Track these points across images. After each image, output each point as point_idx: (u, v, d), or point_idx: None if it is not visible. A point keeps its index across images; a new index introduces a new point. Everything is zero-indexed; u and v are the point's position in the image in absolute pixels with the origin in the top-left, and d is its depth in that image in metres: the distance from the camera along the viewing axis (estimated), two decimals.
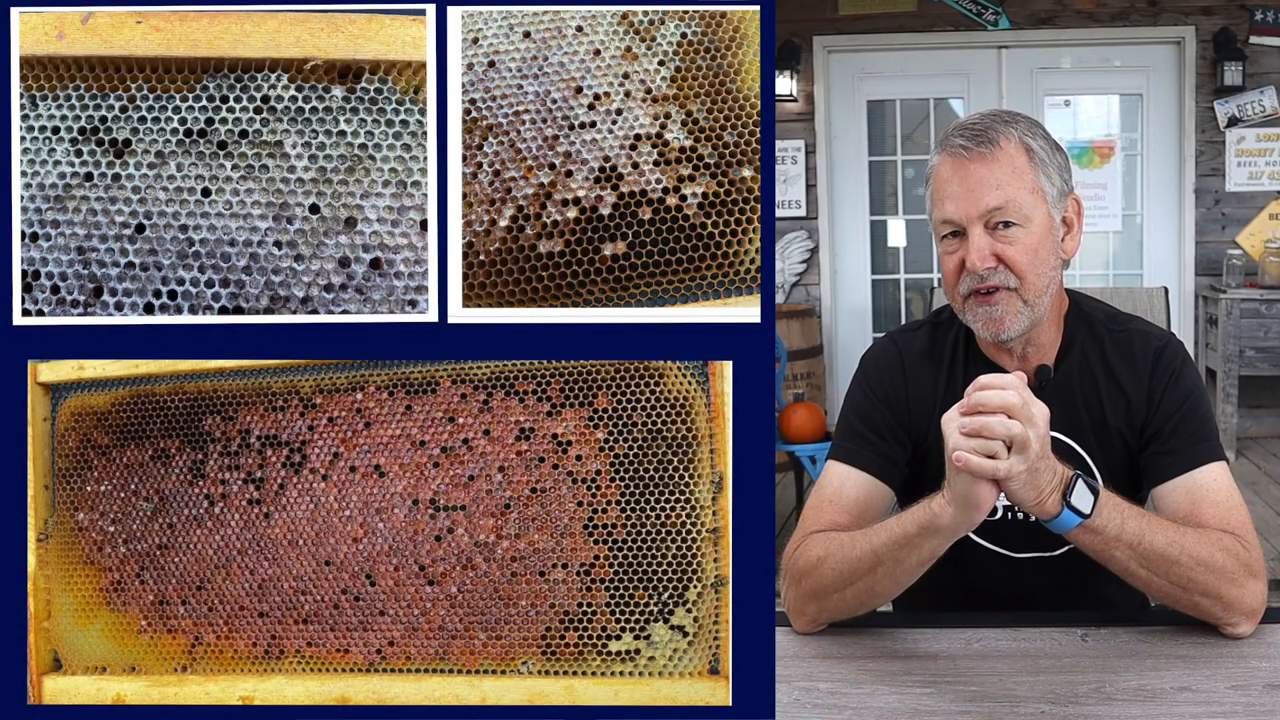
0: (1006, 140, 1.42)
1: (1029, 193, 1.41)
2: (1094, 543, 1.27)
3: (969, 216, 1.41)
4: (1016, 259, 1.41)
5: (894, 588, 1.33)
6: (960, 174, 1.42)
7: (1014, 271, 1.41)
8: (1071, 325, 1.53)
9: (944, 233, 1.45)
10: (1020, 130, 1.44)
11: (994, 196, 1.40)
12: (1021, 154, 1.42)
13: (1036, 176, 1.42)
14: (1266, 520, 4.50)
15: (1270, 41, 5.87)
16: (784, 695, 1.23)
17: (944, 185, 1.44)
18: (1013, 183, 1.41)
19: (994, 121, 1.44)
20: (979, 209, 1.41)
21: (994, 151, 1.41)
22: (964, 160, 1.42)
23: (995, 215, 1.41)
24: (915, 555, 1.28)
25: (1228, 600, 1.30)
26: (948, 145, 1.44)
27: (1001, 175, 1.41)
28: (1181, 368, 1.48)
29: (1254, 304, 5.53)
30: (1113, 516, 1.26)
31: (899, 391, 1.54)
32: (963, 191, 1.42)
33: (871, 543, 1.31)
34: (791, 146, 6.18)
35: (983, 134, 1.42)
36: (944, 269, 1.47)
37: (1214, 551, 1.29)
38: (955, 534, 1.25)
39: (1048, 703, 1.18)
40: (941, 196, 1.44)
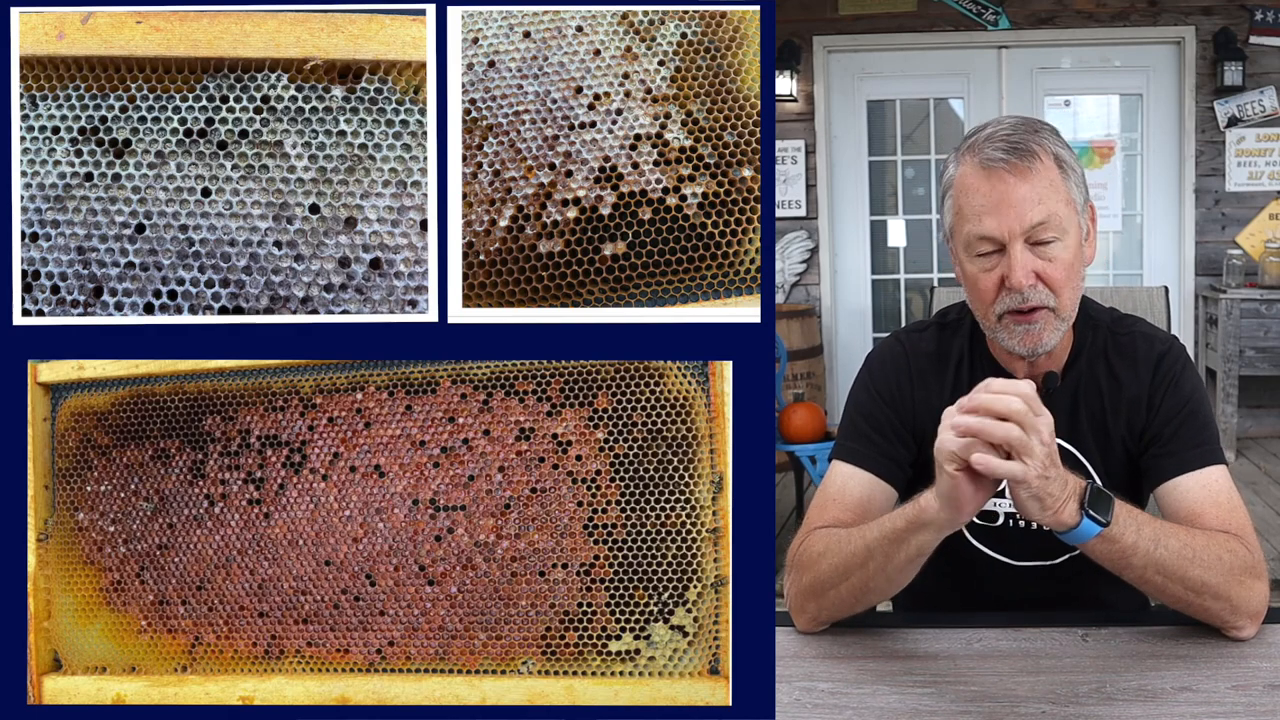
0: (1044, 152, 1.38)
1: (1065, 205, 1.38)
2: (1110, 552, 1.24)
3: (1012, 233, 1.36)
4: (1055, 276, 1.38)
5: (887, 585, 1.33)
6: (999, 188, 1.37)
7: (1052, 289, 1.38)
8: (1081, 331, 1.51)
9: (981, 250, 1.40)
10: (1050, 141, 1.40)
11: (1037, 212, 1.36)
12: (1054, 166, 1.39)
13: (1069, 188, 1.39)
14: (1266, 520, 4.50)
15: (1270, 41, 5.87)
16: (784, 695, 1.23)
17: (978, 198, 1.38)
18: (1052, 196, 1.37)
19: (1027, 133, 1.39)
20: (1023, 225, 1.36)
21: (1034, 165, 1.37)
22: (1003, 173, 1.37)
23: (1038, 231, 1.37)
24: (904, 551, 1.27)
25: (1235, 603, 1.29)
26: (981, 156, 1.39)
27: (1041, 189, 1.37)
28: (1182, 372, 1.48)
29: (1254, 304, 5.53)
30: (1129, 524, 1.24)
31: (904, 392, 1.54)
32: (1004, 207, 1.37)
33: (865, 538, 1.31)
34: (791, 146, 6.18)
35: (1020, 145, 1.37)
36: (977, 285, 1.42)
37: (1222, 554, 1.29)
38: (942, 530, 1.23)
39: (1048, 703, 1.18)
40: (977, 211, 1.38)
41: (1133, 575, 1.28)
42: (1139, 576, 1.27)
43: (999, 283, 1.40)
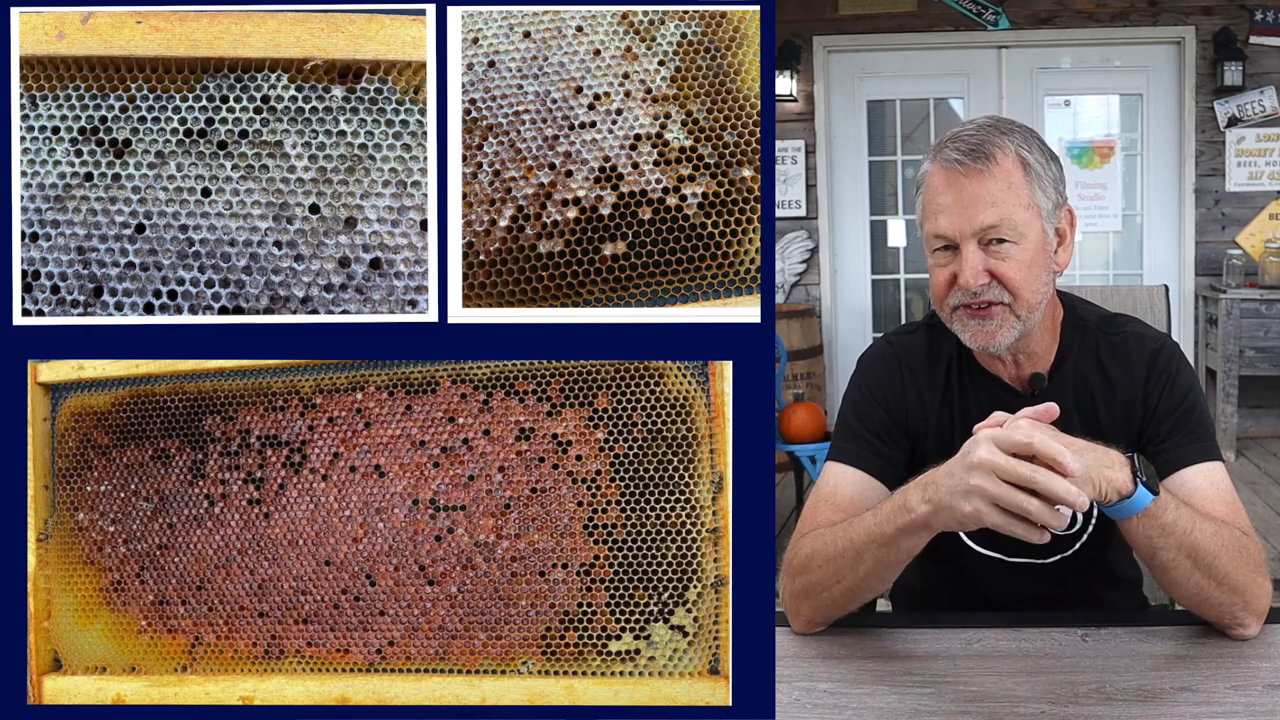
0: (1003, 155, 1.39)
1: (1024, 209, 1.39)
2: (1149, 530, 1.24)
3: (962, 233, 1.39)
4: (1010, 275, 1.39)
5: (880, 585, 1.33)
6: (955, 189, 1.39)
7: (1007, 288, 1.40)
8: (1067, 332, 1.52)
9: (936, 246, 1.43)
10: (1016, 143, 1.41)
11: (989, 214, 1.38)
12: (1018, 169, 1.40)
13: (1032, 192, 1.40)
14: (1266, 520, 4.50)
15: (1270, 41, 5.87)
16: (784, 695, 1.23)
17: (936, 198, 1.42)
18: (1008, 200, 1.38)
19: (990, 134, 1.41)
20: (973, 226, 1.38)
21: (990, 167, 1.38)
22: (958, 175, 1.39)
23: (989, 233, 1.39)
24: (894, 554, 1.28)
25: (1248, 598, 1.29)
26: (941, 156, 1.42)
27: (997, 192, 1.38)
28: (1178, 369, 1.48)
29: (1254, 304, 5.53)
30: (1169, 501, 1.25)
31: (896, 393, 1.54)
32: (957, 207, 1.39)
33: (853, 540, 1.31)
34: (791, 146, 6.18)
35: (978, 148, 1.39)
36: (933, 281, 1.45)
37: (1241, 547, 1.29)
38: (933, 531, 1.24)
39: (1048, 703, 1.18)
40: (934, 210, 1.42)
41: (1164, 558, 1.26)
42: (1169, 560, 1.26)
43: (951, 279, 1.42)
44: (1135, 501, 1.21)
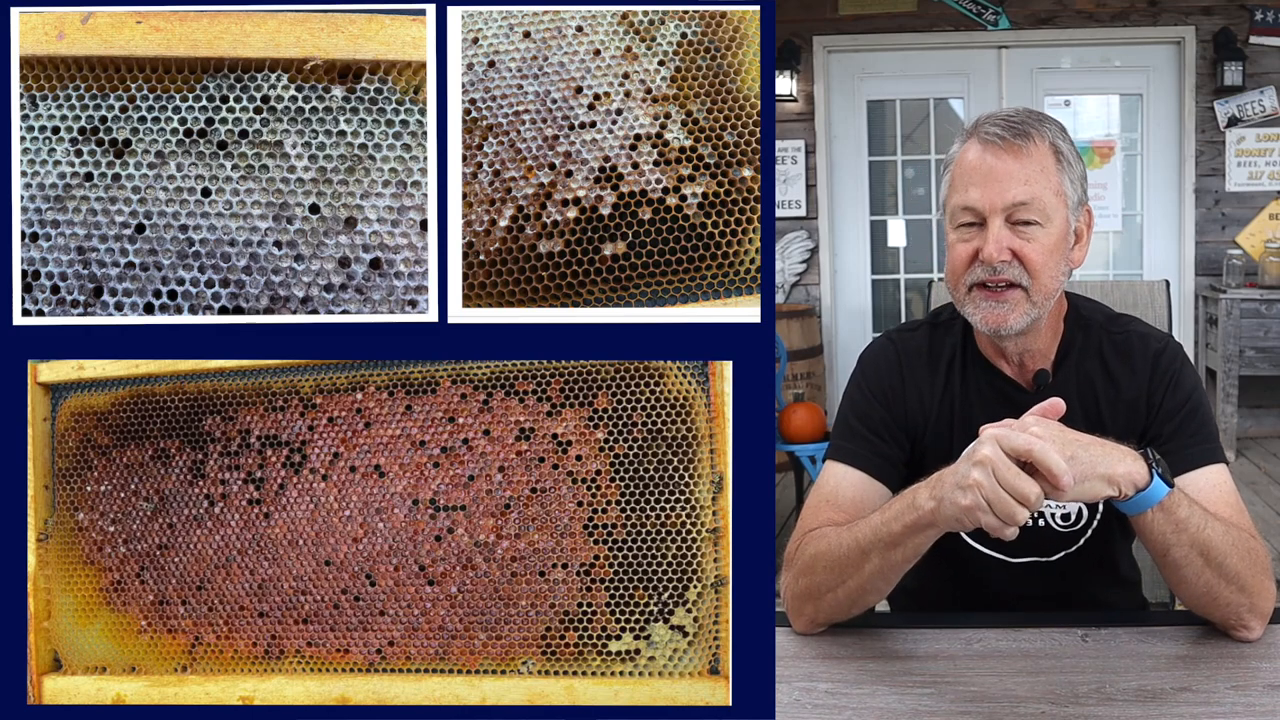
0: (1040, 139, 1.41)
1: (1053, 194, 1.41)
2: (1163, 526, 1.24)
3: (993, 206, 1.40)
4: (1033, 256, 1.40)
5: (885, 585, 1.33)
6: (990, 162, 1.41)
7: (1028, 269, 1.40)
8: (1070, 330, 1.52)
9: (961, 220, 1.43)
10: (1053, 132, 1.43)
11: (1021, 191, 1.39)
12: (1051, 155, 1.42)
13: (1062, 180, 1.42)
14: (1267, 520, 4.50)
15: (1270, 41, 5.87)
16: (784, 695, 1.23)
17: (970, 171, 1.42)
18: (1040, 181, 1.40)
19: (1029, 117, 1.44)
20: (1005, 200, 1.39)
21: (1028, 146, 1.40)
22: (997, 149, 1.41)
23: (1019, 210, 1.40)
24: (901, 553, 1.27)
25: (1255, 599, 1.29)
26: (980, 132, 1.43)
27: (1031, 171, 1.40)
28: (1181, 370, 1.48)
29: (1254, 304, 5.53)
30: (1182, 497, 1.25)
31: (896, 391, 1.54)
32: (991, 180, 1.40)
33: (858, 540, 1.30)
34: (791, 146, 6.18)
35: (1019, 127, 1.41)
36: (952, 256, 1.45)
37: (1249, 548, 1.29)
38: (940, 530, 1.24)
39: (1048, 703, 1.18)
40: (966, 182, 1.42)
41: (1177, 555, 1.26)
42: (1181, 557, 1.25)
43: (973, 254, 1.42)
44: (1151, 494, 1.21)
